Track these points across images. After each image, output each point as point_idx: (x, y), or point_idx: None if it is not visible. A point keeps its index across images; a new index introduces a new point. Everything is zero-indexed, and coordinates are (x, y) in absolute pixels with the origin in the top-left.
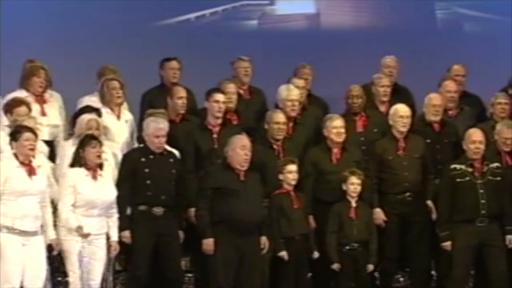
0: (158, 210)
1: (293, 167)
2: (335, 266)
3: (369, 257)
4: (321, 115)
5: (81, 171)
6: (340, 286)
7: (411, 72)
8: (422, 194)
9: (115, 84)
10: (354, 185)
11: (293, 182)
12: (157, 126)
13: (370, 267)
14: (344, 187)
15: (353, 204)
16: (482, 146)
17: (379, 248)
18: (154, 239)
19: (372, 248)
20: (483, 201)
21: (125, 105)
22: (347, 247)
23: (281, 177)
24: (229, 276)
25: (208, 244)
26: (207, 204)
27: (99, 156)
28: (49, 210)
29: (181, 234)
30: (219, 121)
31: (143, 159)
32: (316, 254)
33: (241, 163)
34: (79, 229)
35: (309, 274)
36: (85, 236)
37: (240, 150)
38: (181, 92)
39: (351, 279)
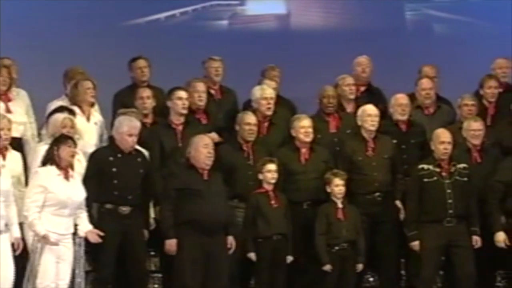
0: (124, 209)
1: (272, 167)
2: (327, 267)
3: (358, 257)
4: (290, 116)
5: (52, 171)
6: (326, 286)
7: (381, 73)
8: (392, 194)
9: (89, 84)
10: (338, 186)
11: (273, 181)
12: (131, 124)
13: (360, 266)
14: (328, 189)
15: (340, 205)
16: (450, 147)
17: None
18: (120, 238)
19: (360, 248)
20: (450, 201)
21: (96, 107)
22: (337, 248)
23: (260, 176)
24: (196, 276)
25: (171, 245)
26: (171, 205)
27: (73, 156)
28: (13, 208)
29: (146, 233)
30: (183, 119)
31: (111, 158)
32: (290, 258)
33: (205, 162)
34: (44, 238)
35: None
36: (52, 244)
37: (203, 149)
38: (141, 92)
39: (338, 280)
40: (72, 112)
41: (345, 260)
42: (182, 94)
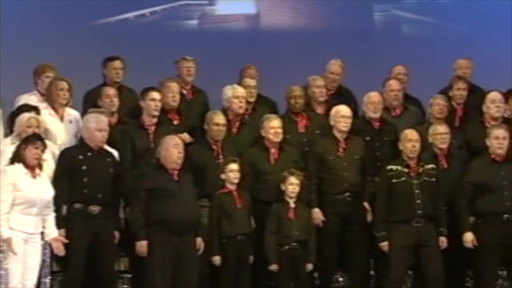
0: (94, 209)
1: (234, 166)
2: (273, 267)
3: (308, 257)
4: None
5: (20, 169)
6: (279, 286)
7: (349, 73)
8: (362, 195)
9: (64, 85)
10: (293, 185)
11: (235, 181)
12: (98, 119)
13: (310, 266)
14: (282, 188)
15: (292, 204)
16: (418, 145)
17: (319, 248)
18: (90, 238)
19: (311, 248)
20: (418, 201)
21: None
22: (286, 247)
23: (223, 176)
24: (166, 277)
25: (141, 246)
26: (141, 206)
27: (37, 158)
28: None
29: (116, 234)
30: (155, 120)
31: (80, 157)
32: (251, 259)
33: (175, 162)
34: (7, 241)
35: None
36: (13, 251)
37: (173, 148)
38: (107, 90)
39: (290, 279)
40: (36, 110)
41: (295, 260)
42: (155, 95)
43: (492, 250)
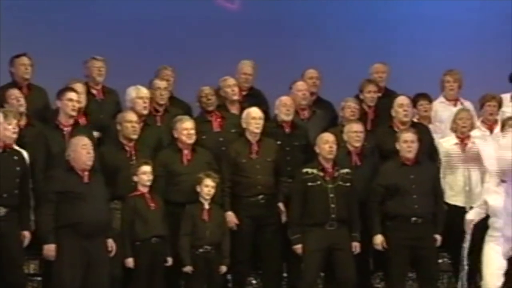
0: None
1: (147, 168)
2: (187, 268)
3: (222, 259)
4: None
5: None
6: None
7: (261, 75)
8: (275, 197)
9: None
10: (208, 187)
11: (148, 183)
12: (6, 114)
13: (223, 268)
14: (198, 189)
15: (206, 206)
16: (335, 147)
17: (232, 251)
18: None
19: (225, 250)
20: (333, 205)
21: None
22: (200, 250)
23: (135, 178)
24: (75, 280)
25: (50, 249)
26: (50, 209)
27: None
28: None
29: (27, 234)
30: (72, 120)
31: None
32: (169, 261)
33: (85, 163)
34: None
35: None
36: None
37: (82, 149)
38: (11, 93)
39: (203, 282)
40: None
41: (209, 262)
42: (73, 95)
43: (401, 252)
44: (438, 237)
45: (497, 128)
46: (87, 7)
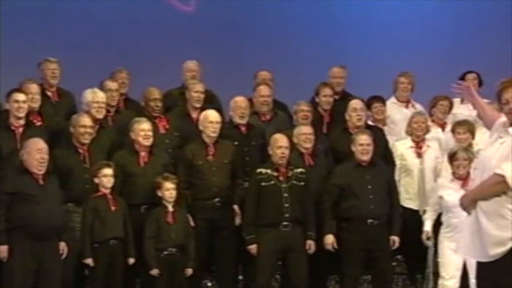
0: None
1: (108, 171)
2: (154, 272)
3: (188, 261)
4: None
5: None
6: None
7: (214, 76)
8: (231, 200)
9: None
10: (169, 190)
11: (109, 185)
12: None
13: (189, 271)
14: (159, 194)
15: (170, 209)
16: (287, 151)
17: None
18: None
19: (190, 252)
20: (287, 205)
21: None
22: (165, 252)
23: (96, 181)
24: (26, 283)
25: (2, 251)
26: (2, 210)
27: None
28: None
29: None
30: (22, 121)
31: None
32: (131, 260)
33: (37, 167)
34: None
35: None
36: None
37: (36, 153)
38: None
39: (167, 285)
40: None
41: (174, 265)
42: (20, 97)
43: (355, 254)
44: (396, 238)
45: (448, 127)
46: (42, 9)
